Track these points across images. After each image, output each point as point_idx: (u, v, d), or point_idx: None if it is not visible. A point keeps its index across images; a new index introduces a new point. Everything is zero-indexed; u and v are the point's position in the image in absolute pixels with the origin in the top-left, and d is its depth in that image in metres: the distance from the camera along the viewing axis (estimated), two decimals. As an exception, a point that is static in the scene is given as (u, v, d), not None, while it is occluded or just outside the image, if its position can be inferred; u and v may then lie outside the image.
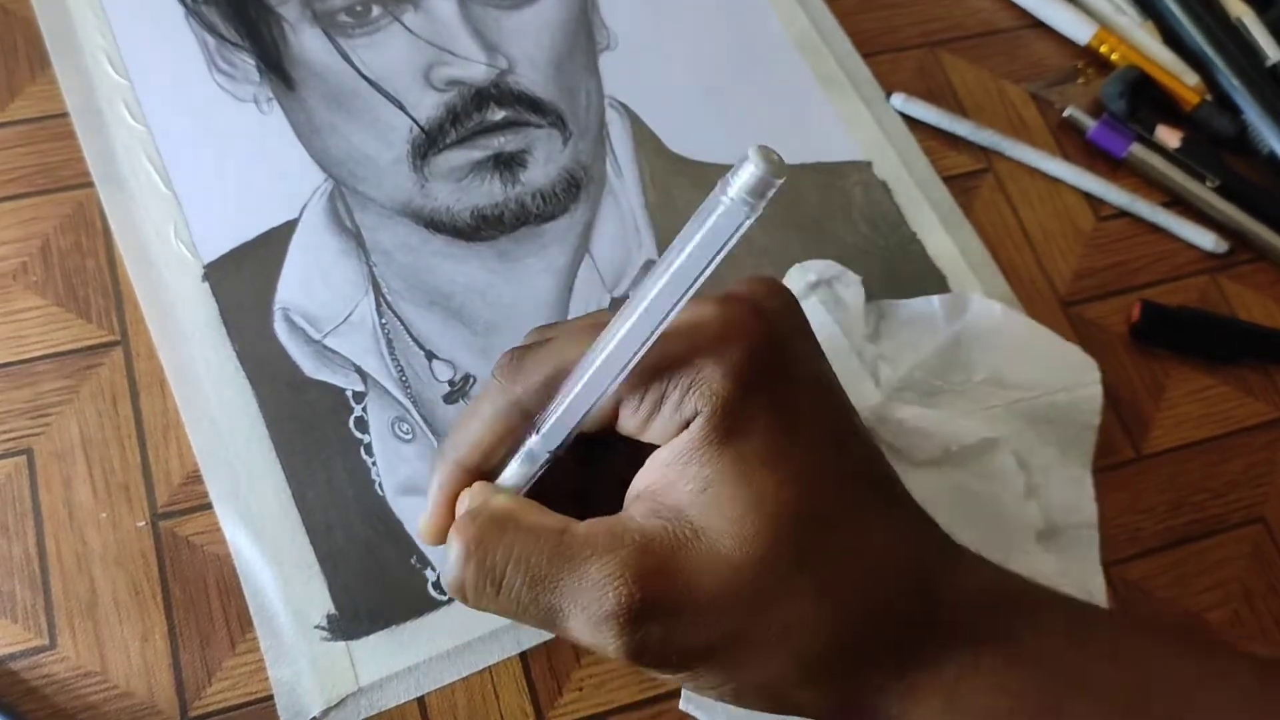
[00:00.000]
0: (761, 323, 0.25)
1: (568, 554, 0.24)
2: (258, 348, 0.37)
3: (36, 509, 0.35)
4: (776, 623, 0.24)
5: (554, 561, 0.25)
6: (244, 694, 0.33)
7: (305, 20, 0.42)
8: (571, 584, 0.24)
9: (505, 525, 0.25)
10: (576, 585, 0.24)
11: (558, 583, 0.24)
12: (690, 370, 0.25)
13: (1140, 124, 0.47)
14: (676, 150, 0.43)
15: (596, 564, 0.24)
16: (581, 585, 0.24)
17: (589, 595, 0.24)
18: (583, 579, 0.24)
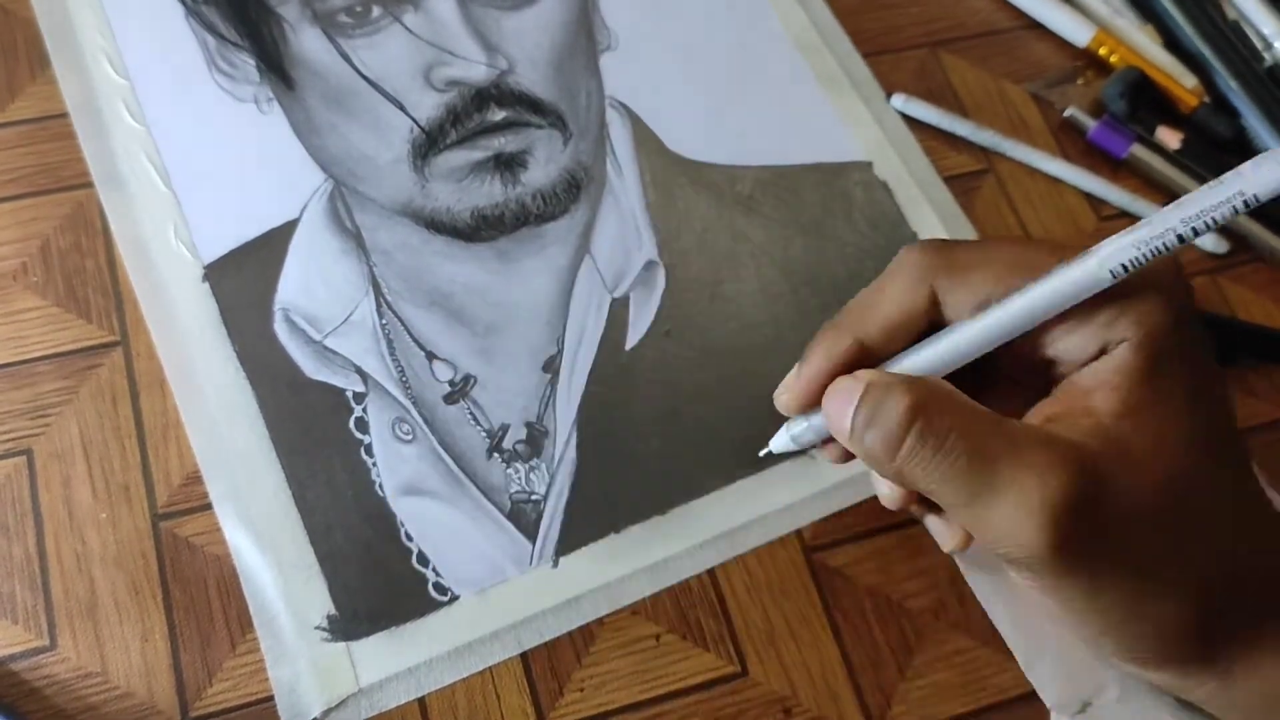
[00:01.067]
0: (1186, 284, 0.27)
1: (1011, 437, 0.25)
2: (258, 348, 0.37)
3: (36, 509, 0.35)
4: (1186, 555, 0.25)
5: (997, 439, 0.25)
6: (244, 694, 0.33)
7: (305, 20, 0.42)
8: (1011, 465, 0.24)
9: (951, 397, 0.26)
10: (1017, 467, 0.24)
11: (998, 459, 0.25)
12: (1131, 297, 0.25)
13: (1140, 125, 0.47)
14: (677, 150, 0.43)
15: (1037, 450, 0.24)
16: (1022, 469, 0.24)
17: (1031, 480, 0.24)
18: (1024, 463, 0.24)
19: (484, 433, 0.37)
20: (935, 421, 0.25)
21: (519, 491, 0.36)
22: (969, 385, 0.27)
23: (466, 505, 0.36)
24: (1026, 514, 0.24)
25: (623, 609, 0.35)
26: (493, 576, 0.35)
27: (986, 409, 0.26)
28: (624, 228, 0.41)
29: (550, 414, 0.37)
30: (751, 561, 0.37)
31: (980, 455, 0.25)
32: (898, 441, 0.26)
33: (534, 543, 0.36)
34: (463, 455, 0.36)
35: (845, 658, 0.35)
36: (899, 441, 0.26)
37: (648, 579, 0.36)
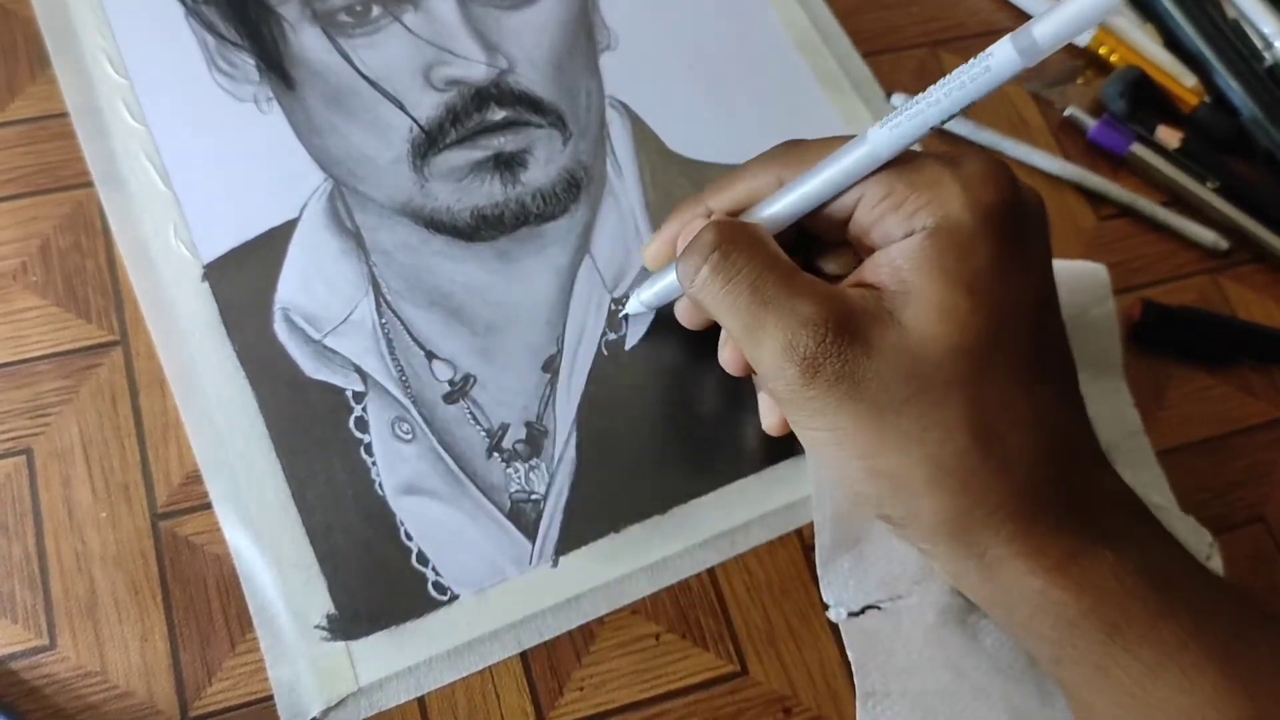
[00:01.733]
0: (1015, 192, 0.29)
1: (791, 284, 0.29)
2: (258, 348, 0.37)
3: (36, 509, 0.35)
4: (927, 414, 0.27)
5: (779, 284, 0.29)
6: (244, 694, 0.33)
7: (305, 20, 0.42)
8: (783, 307, 0.28)
9: (755, 240, 0.30)
10: (787, 309, 0.28)
11: (774, 300, 0.29)
12: (934, 190, 0.28)
13: (1140, 124, 0.47)
14: (677, 150, 0.43)
15: (809, 301, 0.28)
16: (791, 311, 0.28)
17: (792, 321, 0.28)
18: (794, 307, 0.28)
19: (484, 432, 0.37)
20: (730, 257, 0.30)
21: (519, 491, 0.36)
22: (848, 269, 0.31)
23: (466, 505, 0.36)
24: (783, 348, 0.28)
25: (622, 608, 0.35)
26: (492, 576, 0.35)
27: (784, 258, 0.30)
28: (624, 227, 0.41)
29: (550, 413, 0.37)
30: (751, 561, 0.37)
31: (759, 292, 0.29)
32: (695, 269, 0.30)
33: (534, 542, 0.36)
34: (462, 455, 0.36)
35: (845, 657, 0.35)
36: (696, 269, 0.30)
37: (647, 578, 0.36)
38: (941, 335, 0.27)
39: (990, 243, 0.28)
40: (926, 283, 0.28)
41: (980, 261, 0.28)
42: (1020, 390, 0.28)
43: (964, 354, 0.27)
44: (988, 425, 0.27)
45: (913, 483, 0.28)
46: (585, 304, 0.39)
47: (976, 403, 0.27)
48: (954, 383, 0.27)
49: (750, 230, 0.30)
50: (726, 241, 0.30)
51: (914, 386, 0.27)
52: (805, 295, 0.28)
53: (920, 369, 0.27)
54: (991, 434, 0.27)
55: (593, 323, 0.39)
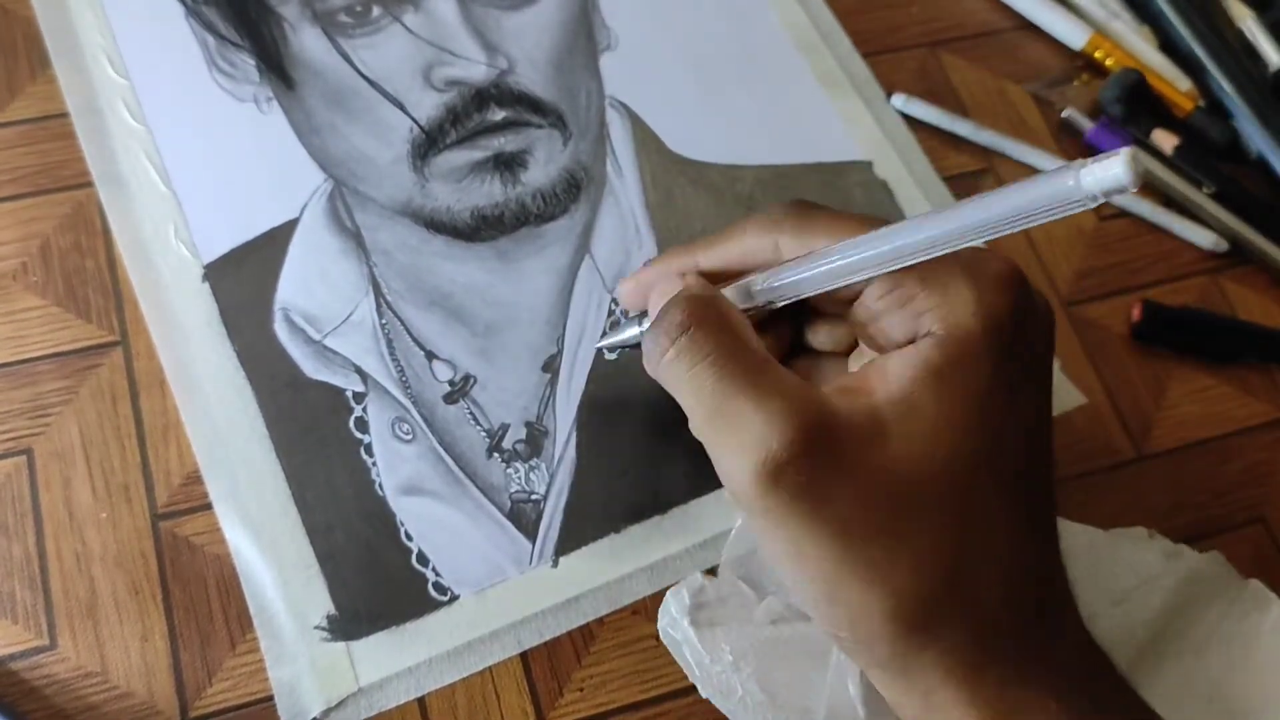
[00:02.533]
0: (1029, 299, 0.27)
1: (763, 379, 0.26)
2: (258, 348, 0.37)
3: (36, 509, 0.35)
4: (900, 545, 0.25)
5: (749, 376, 0.26)
6: (244, 694, 0.33)
7: (305, 20, 0.42)
8: (750, 402, 0.26)
9: (729, 323, 0.27)
10: (754, 405, 0.25)
11: (740, 394, 0.26)
12: (947, 291, 0.26)
13: (1137, 127, 0.47)
14: (677, 150, 0.43)
15: (779, 399, 0.25)
16: (755, 409, 0.25)
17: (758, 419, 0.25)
18: (759, 405, 0.25)
19: (484, 432, 0.37)
20: (699, 340, 0.27)
21: (519, 491, 0.36)
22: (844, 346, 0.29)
23: (466, 505, 0.36)
24: (742, 452, 0.25)
25: (623, 609, 0.35)
26: (492, 576, 0.35)
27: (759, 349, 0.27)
28: (624, 227, 0.41)
29: (550, 414, 0.37)
30: (751, 561, 0.37)
31: (725, 384, 0.26)
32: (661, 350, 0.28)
33: (534, 542, 0.36)
34: (462, 455, 0.36)
35: (845, 657, 0.35)
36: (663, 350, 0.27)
37: (648, 579, 0.36)
38: (931, 457, 0.25)
39: (997, 357, 0.26)
40: (927, 398, 0.25)
41: (985, 378, 0.25)
42: (1000, 521, 0.26)
43: (951, 478, 0.25)
44: (962, 560, 0.25)
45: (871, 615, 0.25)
46: (585, 304, 0.39)
47: (955, 534, 0.25)
48: (934, 509, 0.25)
49: (724, 309, 0.28)
50: (697, 321, 0.27)
51: (890, 512, 0.25)
52: (777, 393, 0.26)
53: (900, 493, 0.25)
54: (963, 571, 0.25)
55: (593, 323, 0.39)
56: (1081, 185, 0.22)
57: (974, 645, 0.25)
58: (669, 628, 0.33)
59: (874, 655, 0.26)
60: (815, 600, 0.26)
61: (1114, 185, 0.21)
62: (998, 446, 0.26)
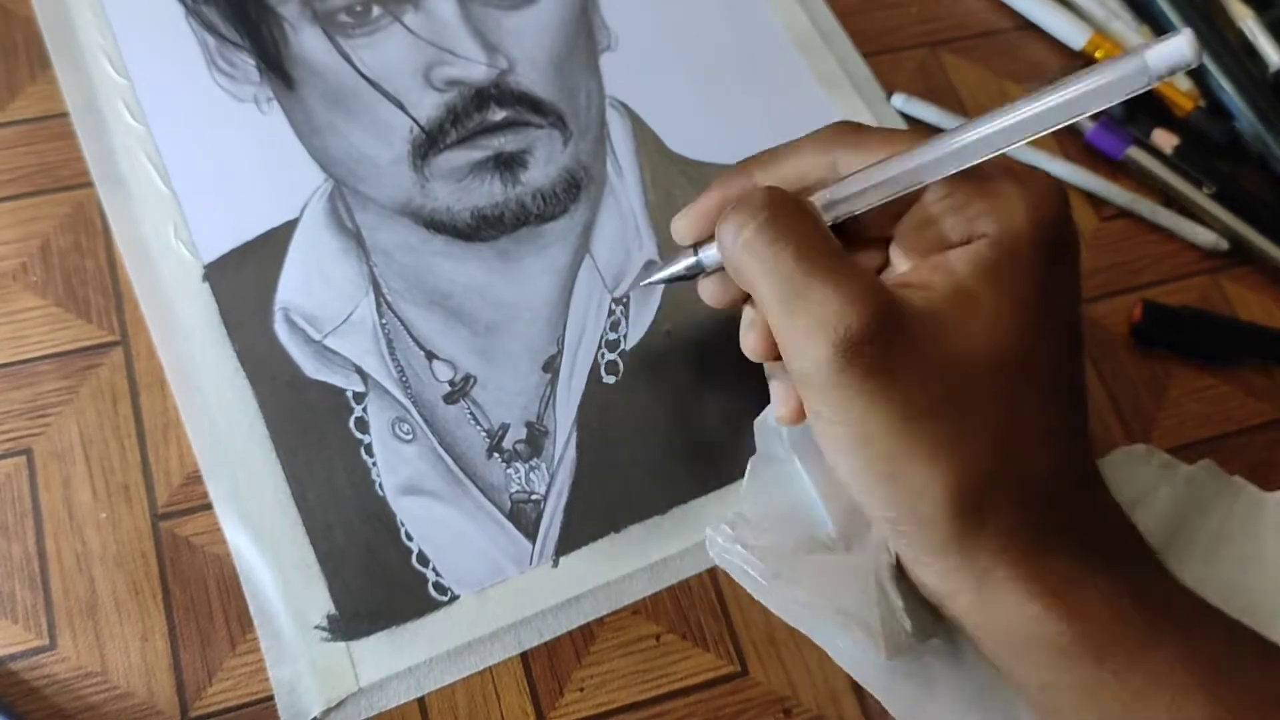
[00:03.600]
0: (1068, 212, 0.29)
1: (838, 261, 0.27)
2: (258, 348, 0.37)
3: (36, 509, 0.35)
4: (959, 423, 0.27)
5: (826, 255, 0.27)
6: (244, 694, 0.33)
7: (305, 20, 0.42)
8: (826, 281, 0.27)
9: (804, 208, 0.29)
10: (830, 284, 0.27)
11: (820, 273, 0.27)
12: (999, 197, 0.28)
13: (1137, 127, 0.47)
14: (677, 150, 0.43)
15: (855, 282, 0.27)
16: (833, 287, 0.27)
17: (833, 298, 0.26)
18: (837, 284, 0.27)
19: (484, 432, 0.37)
20: (781, 221, 0.28)
21: (519, 491, 0.36)
22: None
23: (466, 505, 0.36)
24: (819, 327, 0.26)
25: (623, 609, 0.35)
26: (493, 576, 0.35)
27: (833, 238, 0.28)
28: (624, 227, 0.41)
29: (550, 414, 0.37)
30: (751, 561, 0.37)
31: (805, 261, 0.27)
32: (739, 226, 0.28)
33: (534, 542, 0.36)
34: (463, 455, 0.36)
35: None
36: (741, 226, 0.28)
37: (648, 578, 0.36)
38: (988, 346, 0.27)
39: (1045, 259, 0.28)
40: (984, 291, 0.27)
41: (1035, 276, 0.28)
42: (1047, 407, 0.28)
43: (1005, 367, 0.27)
44: (1016, 441, 0.27)
45: (934, 494, 0.27)
46: (585, 304, 0.39)
47: (1010, 417, 0.27)
48: (992, 394, 0.27)
49: (802, 202, 0.29)
50: (777, 205, 0.28)
51: (952, 393, 0.27)
52: (855, 276, 0.27)
53: (961, 377, 0.27)
54: (1018, 451, 0.27)
55: (593, 323, 0.39)
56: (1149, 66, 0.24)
57: (1028, 522, 0.27)
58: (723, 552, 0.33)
59: (932, 538, 0.27)
60: (878, 480, 0.27)
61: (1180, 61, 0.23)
62: (1044, 339, 0.28)
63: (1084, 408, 0.30)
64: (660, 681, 0.35)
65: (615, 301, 0.40)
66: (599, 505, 0.36)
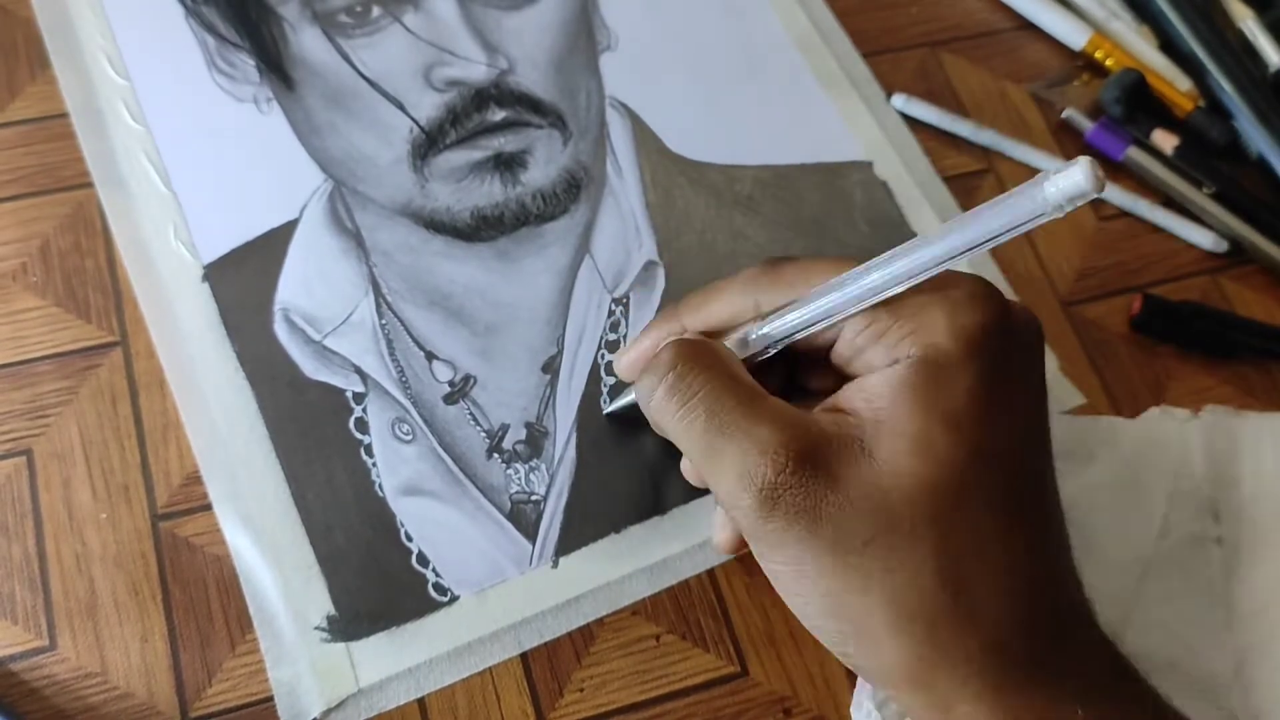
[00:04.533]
0: (1003, 314, 0.27)
1: (752, 411, 0.27)
2: (258, 348, 0.37)
3: (36, 510, 0.35)
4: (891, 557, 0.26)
5: (738, 410, 0.27)
6: (244, 695, 0.33)
7: (305, 20, 0.42)
8: (741, 432, 0.27)
9: (715, 361, 0.29)
10: (746, 435, 0.27)
11: (732, 428, 0.27)
12: (918, 317, 0.27)
13: (1137, 127, 0.47)
14: (677, 150, 0.43)
15: (769, 428, 0.27)
16: (746, 437, 0.27)
17: (751, 448, 0.26)
18: (753, 433, 0.27)
19: (484, 433, 0.37)
20: (687, 378, 0.28)
21: (519, 492, 0.36)
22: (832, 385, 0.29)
23: (466, 505, 0.36)
24: (738, 479, 0.26)
25: (623, 609, 0.35)
26: (492, 577, 0.35)
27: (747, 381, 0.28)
28: (624, 228, 0.41)
29: (550, 414, 0.37)
30: (751, 562, 0.36)
31: (716, 417, 0.27)
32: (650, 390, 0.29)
33: (534, 543, 0.36)
34: (462, 455, 0.36)
35: (845, 658, 0.35)
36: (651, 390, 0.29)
37: (647, 579, 0.36)
38: (914, 471, 0.26)
39: (974, 372, 0.26)
40: (903, 414, 0.26)
41: (962, 393, 0.26)
42: (995, 535, 0.26)
43: (937, 492, 0.26)
44: (957, 571, 0.25)
45: (874, 626, 0.26)
46: (585, 304, 0.39)
47: (946, 546, 0.25)
48: (923, 522, 0.25)
49: (711, 350, 0.29)
50: (684, 361, 0.28)
51: (879, 525, 0.25)
52: (766, 420, 0.27)
53: (888, 506, 0.25)
54: (960, 581, 0.25)
55: (593, 323, 0.39)
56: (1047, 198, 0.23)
57: (986, 654, 0.25)
58: None
59: (884, 672, 0.26)
60: (821, 617, 0.27)
61: (1077, 192, 0.23)
62: (982, 461, 0.26)
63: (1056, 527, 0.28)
64: (660, 682, 0.35)
65: (615, 302, 0.40)
66: (599, 506, 0.36)
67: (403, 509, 0.35)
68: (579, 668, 0.35)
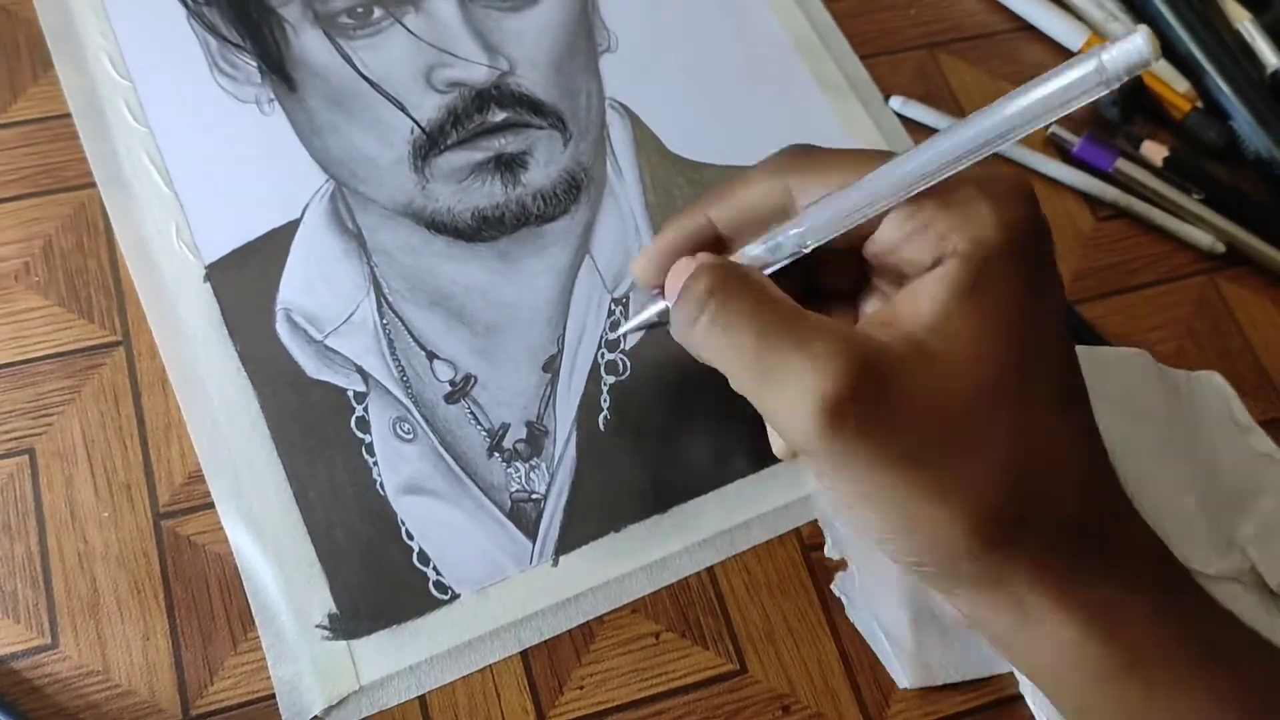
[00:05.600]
0: (1039, 208, 0.27)
1: (800, 326, 0.26)
2: (259, 348, 0.37)
3: (39, 508, 0.35)
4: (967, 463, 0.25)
5: (785, 325, 0.26)
6: (246, 693, 0.33)
7: (307, 22, 0.42)
8: (794, 352, 0.25)
9: (751, 281, 0.27)
10: (799, 354, 0.25)
11: (783, 346, 0.26)
12: (966, 209, 0.26)
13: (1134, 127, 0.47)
14: (677, 151, 0.43)
15: (823, 343, 0.25)
16: (803, 356, 0.25)
17: (806, 367, 0.25)
18: (806, 351, 0.25)
19: (484, 432, 0.37)
20: (729, 304, 0.27)
21: (519, 490, 0.36)
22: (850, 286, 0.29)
23: (467, 504, 0.36)
24: (799, 400, 0.25)
25: (622, 607, 0.36)
26: (493, 575, 0.35)
27: (788, 300, 0.27)
28: (624, 228, 0.41)
29: (550, 413, 0.38)
30: (750, 560, 0.37)
31: (766, 339, 0.26)
32: (691, 320, 0.27)
33: (534, 541, 0.36)
34: (463, 454, 0.37)
35: (843, 656, 0.36)
36: (692, 320, 0.27)
37: (647, 577, 0.36)
38: (977, 375, 0.25)
39: (1021, 266, 0.26)
40: (959, 318, 0.25)
41: (1015, 288, 0.26)
42: (1055, 430, 0.26)
43: (999, 394, 0.25)
44: (1028, 471, 0.26)
45: (952, 535, 0.25)
46: (585, 304, 0.40)
47: (1015, 447, 0.25)
48: (992, 426, 0.25)
49: (746, 273, 0.28)
50: (723, 285, 0.27)
51: (952, 433, 0.25)
52: (820, 337, 0.25)
53: (957, 413, 0.25)
54: (1032, 480, 0.26)
55: (593, 323, 0.39)
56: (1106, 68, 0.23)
57: (1059, 547, 0.26)
58: None
59: (960, 574, 0.26)
60: (893, 532, 0.26)
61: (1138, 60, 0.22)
62: (1039, 352, 0.26)
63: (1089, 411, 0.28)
64: (659, 680, 0.35)
65: (615, 301, 0.40)
66: (599, 504, 0.37)
67: (404, 508, 0.36)
68: (579, 665, 0.35)
